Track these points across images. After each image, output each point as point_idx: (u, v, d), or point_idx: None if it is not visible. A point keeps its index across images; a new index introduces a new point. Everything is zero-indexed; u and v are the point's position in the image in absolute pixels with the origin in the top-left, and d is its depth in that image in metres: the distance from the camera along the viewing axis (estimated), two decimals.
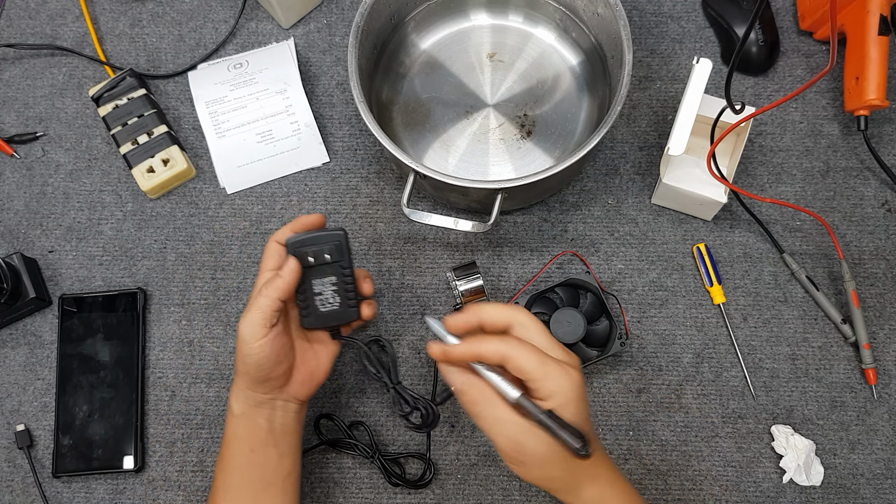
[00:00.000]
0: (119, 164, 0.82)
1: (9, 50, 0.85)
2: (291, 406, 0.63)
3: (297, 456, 0.64)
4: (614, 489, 0.54)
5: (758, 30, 0.80)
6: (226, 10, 0.87)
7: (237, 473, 0.61)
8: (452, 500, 0.72)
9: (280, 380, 0.61)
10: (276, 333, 0.59)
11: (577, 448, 0.48)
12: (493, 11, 0.83)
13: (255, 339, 0.58)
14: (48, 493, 0.73)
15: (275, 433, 0.62)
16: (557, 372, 0.49)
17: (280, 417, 0.62)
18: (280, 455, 0.62)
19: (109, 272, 0.79)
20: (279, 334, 0.59)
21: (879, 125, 0.80)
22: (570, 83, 0.81)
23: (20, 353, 0.77)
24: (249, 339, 0.58)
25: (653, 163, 0.80)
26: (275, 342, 0.59)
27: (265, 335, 0.58)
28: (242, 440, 0.61)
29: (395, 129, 0.80)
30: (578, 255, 0.77)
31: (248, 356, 0.59)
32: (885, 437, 0.72)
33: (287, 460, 0.63)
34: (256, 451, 0.61)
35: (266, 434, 0.61)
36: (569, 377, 0.50)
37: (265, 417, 0.61)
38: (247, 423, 0.61)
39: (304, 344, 0.64)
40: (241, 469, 0.61)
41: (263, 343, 0.58)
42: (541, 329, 0.52)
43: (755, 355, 0.75)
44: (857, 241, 0.77)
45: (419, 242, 0.79)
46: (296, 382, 0.63)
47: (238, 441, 0.62)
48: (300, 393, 0.63)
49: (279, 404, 0.62)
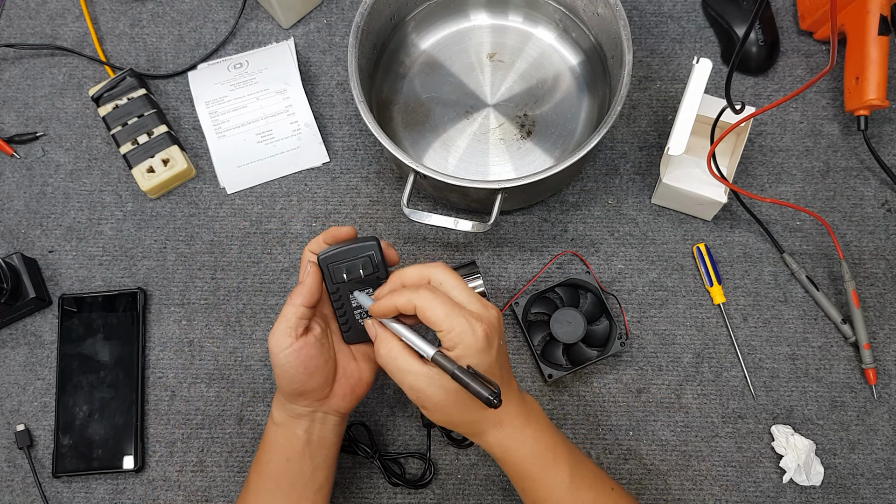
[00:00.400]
0: (119, 164, 0.82)
1: (9, 50, 0.85)
2: (331, 419, 0.62)
3: (331, 470, 0.64)
4: (523, 434, 0.58)
5: (758, 30, 0.80)
6: (226, 10, 0.87)
7: (270, 480, 0.62)
8: (452, 500, 0.72)
9: (317, 393, 0.60)
10: (303, 344, 0.58)
11: (487, 398, 0.50)
12: (493, 11, 0.83)
13: (280, 350, 0.57)
14: (48, 493, 0.73)
15: (312, 445, 0.61)
16: (462, 325, 0.53)
17: (318, 430, 0.62)
18: (314, 468, 0.62)
19: (109, 272, 0.79)
20: (308, 345, 0.58)
21: (879, 125, 0.80)
22: (570, 83, 0.81)
23: (20, 353, 0.77)
24: (275, 349, 0.58)
25: (653, 163, 0.80)
26: (302, 352, 0.58)
27: (290, 345, 0.57)
28: (280, 448, 0.61)
29: (395, 129, 0.80)
30: (578, 255, 0.77)
31: (276, 367, 0.58)
32: (885, 437, 0.72)
33: (320, 473, 0.63)
34: (292, 461, 0.61)
35: (303, 445, 0.61)
36: (471, 329, 0.53)
37: (304, 429, 0.61)
38: (286, 433, 0.61)
39: (347, 358, 0.63)
40: (275, 476, 0.61)
41: (289, 353, 0.57)
42: (458, 284, 0.56)
43: (755, 355, 0.75)
44: (857, 241, 0.77)
45: (419, 242, 0.79)
46: (337, 396, 0.62)
47: (275, 448, 0.62)
48: (341, 406, 0.62)
49: (319, 416, 0.62)
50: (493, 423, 0.57)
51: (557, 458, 0.58)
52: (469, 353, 0.53)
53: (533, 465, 0.58)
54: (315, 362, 0.59)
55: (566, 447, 0.59)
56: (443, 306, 0.53)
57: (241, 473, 0.74)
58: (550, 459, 0.58)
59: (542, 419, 0.60)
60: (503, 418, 0.57)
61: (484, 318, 0.54)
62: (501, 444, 0.58)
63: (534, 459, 0.58)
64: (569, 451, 0.59)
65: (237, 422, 0.75)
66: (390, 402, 0.75)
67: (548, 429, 0.59)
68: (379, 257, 0.60)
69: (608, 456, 0.73)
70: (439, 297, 0.54)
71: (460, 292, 0.56)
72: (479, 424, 0.57)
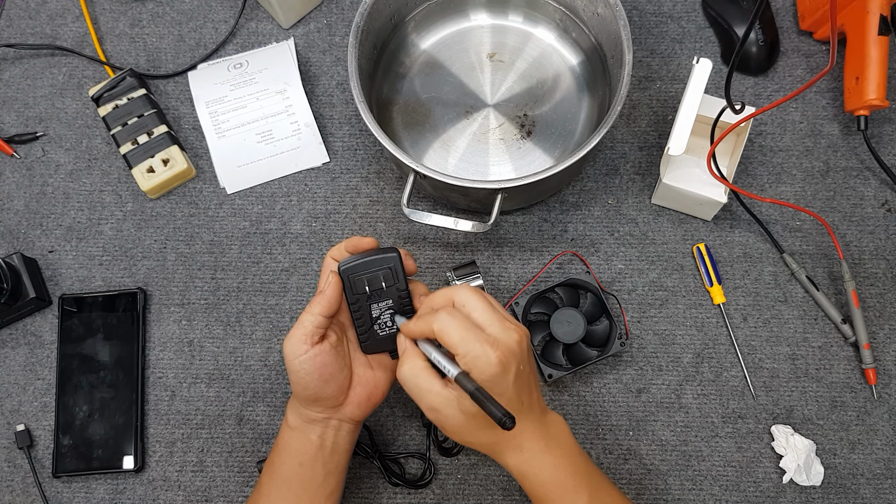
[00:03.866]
0: (119, 164, 0.82)
1: (9, 50, 0.85)
2: (346, 426, 0.63)
3: (342, 476, 0.64)
4: (542, 460, 0.57)
5: (758, 30, 0.80)
6: (226, 10, 0.87)
7: (282, 483, 0.62)
8: (452, 500, 0.72)
9: (332, 400, 0.61)
10: (318, 351, 0.58)
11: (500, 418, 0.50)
12: (493, 11, 0.83)
13: (295, 356, 0.58)
14: (48, 493, 0.73)
15: (325, 451, 0.62)
16: (476, 349, 0.53)
17: (332, 436, 0.62)
18: (326, 473, 0.62)
19: (109, 272, 0.79)
20: (323, 353, 0.58)
21: (879, 125, 0.80)
22: (570, 83, 0.81)
23: (20, 353, 0.77)
24: (291, 355, 0.58)
25: (653, 163, 0.80)
26: (317, 360, 0.58)
27: (306, 351, 0.58)
28: (293, 452, 0.62)
29: (395, 129, 0.80)
30: (578, 255, 0.77)
31: (291, 373, 0.59)
32: (885, 437, 0.72)
33: (332, 479, 0.63)
34: (305, 466, 0.61)
35: (317, 450, 0.61)
36: (485, 355, 0.53)
37: (318, 434, 0.61)
38: (300, 437, 0.61)
39: (363, 366, 0.63)
40: (286, 480, 0.62)
41: (304, 360, 0.58)
42: (481, 304, 0.56)
43: (755, 355, 0.75)
44: (857, 241, 0.77)
45: (419, 242, 0.79)
46: (352, 404, 0.62)
47: (289, 452, 0.62)
48: (356, 414, 0.62)
49: (333, 423, 0.62)
50: (512, 446, 0.57)
51: (578, 486, 0.58)
52: (482, 377, 0.52)
53: (551, 490, 0.58)
54: (330, 370, 0.59)
55: (587, 475, 0.59)
56: (458, 330, 0.53)
57: (241, 473, 0.74)
58: (570, 487, 0.58)
59: (565, 444, 0.59)
60: (522, 442, 0.57)
61: (501, 344, 0.53)
62: (520, 469, 0.58)
63: (552, 486, 0.57)
64: (590, 478, 0.59)
65: (237, 422, 0.75)
66: (390, 402, 0.75)
67: (570, 454, 0.59)
68: (400, 269, 0.60)
69: (608, 456, 0.73)
70: (456, 321, 0.54)
71: (482, 313, 0.55)
72: (498, 446, 0.57)
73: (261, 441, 0.74)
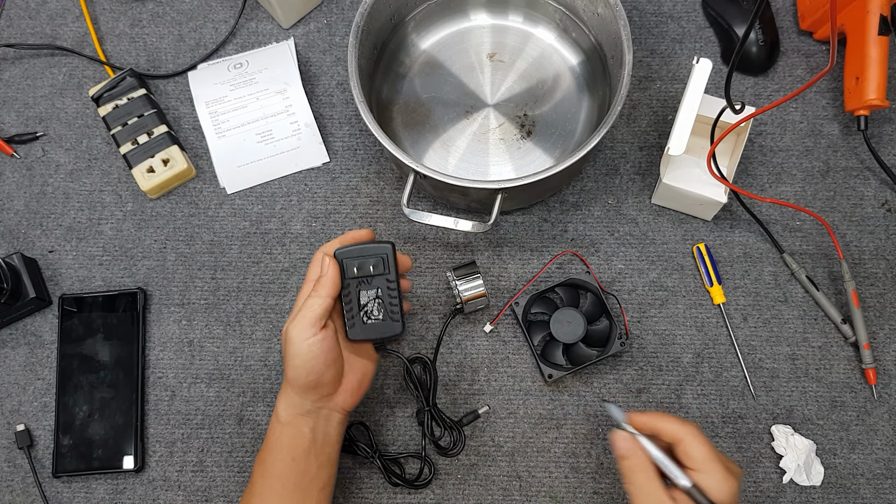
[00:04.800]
0: (119, 164, 0.82)
1: (9, 50, 0.85)
2: (336, 416, 0.63)
3: (333, 469, 0.64)
4: None
5: (758, 30, 0.80)
6: (226, 10, 0.87)
7: (276, 480, 0.62)
8: (452, 500, 0.72)
9: (330, 386, 0.61)
10: (325, 335, 0.59)
11: None
12: (493, 11, 0.83)
13: (303, 339, 0.58)
14: (48, 493, 0.73)
15: (317, 443, 0.62)
16: (720, 472, 0.55)
17: (323, 427, 0.62)
18: (319, 466, 0.62)
19: (109, 272, 0.79)
20: (328, 337, 0.59)
21: (879, 125, 0.80)
22: (570, 83, 0.81)
23: (20, 353, 0.77)
24: (298, 339, 0.58)
25: (653, 163, 0.80)
26: (324, 343, 0.59)
27: (315, 334, 0.58)
28: (285, 448, 0.62)
29: (395, 129, 0.80)
30: (578, 255, 0.77)
31: (296, 357, 0.59)
32: (885, 437, 0.72)
33: (324, 472, 0.63)
34: (297, 461, 0.61)
35: (309, 444, 0.62)
36: (727, 481, 0.54)
37: (310, 427, 0.62)
38: (292, 432, 0.62)
39: (350, 354, 0.64)
40: (280, 476, 0.62)
41: (312, 342, 0.58)
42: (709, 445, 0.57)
43: (755, 355, 0.75)
44: (857, 241, 0.77)
45: (419, 242, 0.79)
46: (344, 392, 0.63)
47: (281, 448, 0.62)
48: (347, 403, 0.63)
49: (324, 413, 0.62)
50: None
51: None
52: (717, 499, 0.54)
53: None
54: (332, 355, 0.60)
55: None
56: (706, 448, 0.55)
57: (241, 473, 0.74)
58: None
59: None
60: None
61: (737, 476, 0.55)
62: None
63: None
64: None
65: (237, 422, 0.75)
66: (390, 402, 0.75)
67: None
68: (392, 260, 0.61)
69: (608, 456, 0.73)
70: (702, 438, 0.56)
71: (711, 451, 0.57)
72: None
73: (261, 441, 0.74)
